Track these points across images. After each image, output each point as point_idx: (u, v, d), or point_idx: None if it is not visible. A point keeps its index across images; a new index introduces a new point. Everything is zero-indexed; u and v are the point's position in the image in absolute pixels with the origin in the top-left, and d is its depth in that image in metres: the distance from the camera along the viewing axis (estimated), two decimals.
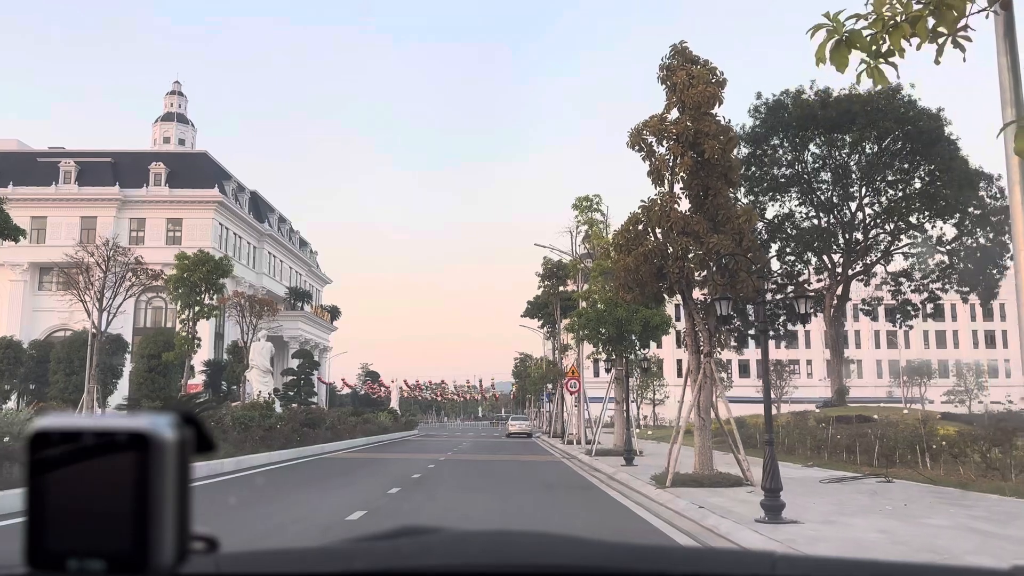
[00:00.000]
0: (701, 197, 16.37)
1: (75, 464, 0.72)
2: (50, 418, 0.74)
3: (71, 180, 67.74)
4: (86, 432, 0.73)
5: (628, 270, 16.20)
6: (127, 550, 0.71)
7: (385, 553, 1.08)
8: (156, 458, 0.72)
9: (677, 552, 1.34)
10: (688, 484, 16.11)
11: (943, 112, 45.16)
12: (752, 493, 15.12)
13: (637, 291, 16.61)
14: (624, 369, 24.75)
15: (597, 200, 27.89)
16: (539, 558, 1.07)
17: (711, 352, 16.93)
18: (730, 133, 16.05)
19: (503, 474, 21.74)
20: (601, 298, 27.25)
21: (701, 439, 16.84)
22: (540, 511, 13.74)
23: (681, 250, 16.00)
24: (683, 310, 17.28)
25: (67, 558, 0.71)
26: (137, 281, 37.44)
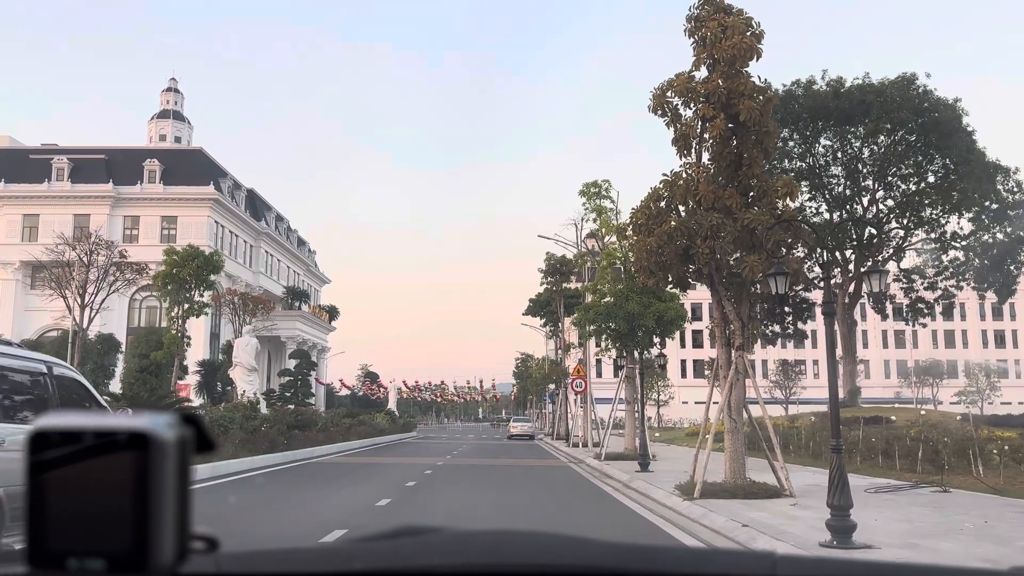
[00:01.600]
0: (733, 167, 14.18)
1: (75, 464, 0.71)
2: (50, 418, 0.73)
3: (64, 177, 65.66)
4: (86, 432, 0.71)
5: (650, 251, 14.00)
6: (127, 550, 0.70)
7: (385, 553, 1.06)
8: (156, 458, 0.71)
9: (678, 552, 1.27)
10: (719, 495, 13.92)
11: (960, 103, 42.98)
12: (797, 507, 12.94)
13: (661, 275, 14.41)
14: (639, 366, 22.54)
15: (606, 186, 25.70)
16: (539, 558, 1.05)
17: (744, 345, 14.73)
18: (767, 93, 13.86)
19: (506, 481, 19.54)
20: (610, 291, 25.06)
21: (732, 443, 14.64)
22: (552, 527, 11.53)
23: (711, 228, 13.80)
24: (712, 297, 15.08)
25: (67, 557, 0.70)
26: (122, 276, 35.34)
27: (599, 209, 25.88)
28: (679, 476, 18.81)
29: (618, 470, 20.47)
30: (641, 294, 24.18)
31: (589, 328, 25.27)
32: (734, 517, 11.51)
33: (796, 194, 13.86)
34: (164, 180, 65.04)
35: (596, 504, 14.93)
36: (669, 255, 13.98)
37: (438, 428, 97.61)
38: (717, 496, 13.89)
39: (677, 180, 14.59)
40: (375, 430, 41.35)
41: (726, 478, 14.69)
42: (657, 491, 15.56)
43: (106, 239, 35.59)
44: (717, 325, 15.00)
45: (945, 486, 15.24)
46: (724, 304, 14.59)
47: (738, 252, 13.94)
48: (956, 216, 45.36)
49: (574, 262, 42.47)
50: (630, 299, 23.88)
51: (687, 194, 14.15)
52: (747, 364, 14.78)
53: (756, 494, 14.01)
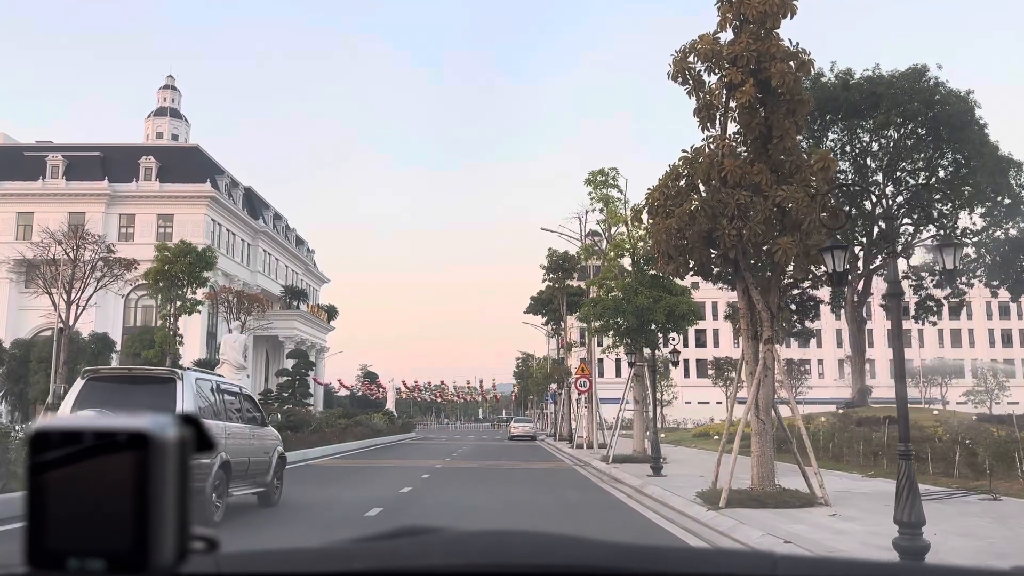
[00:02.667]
0: (762, 141, 12.68)
1: (75, 464, 0.71)
2: (50, 418, 0.73)
3: (59, 175, 64.18)
4: (86, 432, 0.71)
5: (670, 234, 12.48)
6: (127, 550, 0.70)
7: (385, 553, 1.06)
8: (156, 458, 0.71)
9: (678, 552, 1.20)
10: (747, 503, 12.41)
11: (972, 95, 41.46)
12: (837, 518, 11.42)
13: (681, 260, 12.89)
14: (650, 363, 20.99)
15: (613, 174, 24.14)
16: (539, 558, 1.05)
17: (772, 338, 13.21)
18: (801, 57, 12.34)
19: (509, 486, 18.03)
20: (618, 284, 23.55)
21: (760, 446, 13.11)
22: None
23: (738, 207, 12.29)
24: (737, 286, 13.56)
25: (67, 558, 0.70)
26: (110, 272, 33.83)
27: (606, 198, 24.33)
28: (695, 481, 17.30)
29: (628, 474, 18.96)
30: (651, 287, 22.69)
31: (596, 324, 23.76)
32: (771, 531, 10.00)
33: (834, 169, 12.35)
34: (160, 178, 63.56)
35: (609, 513, 13.41)
36: (691, 238, 12.47)
37: (438, 429, 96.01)
38: (745, 505, 12.37)
39: (698, 157, 13.10)
40: (372, 431, 39.82)
41: (753, 484, 13.18)
42: (675, 498, 14.03)
43: (93, 233, 33.96)
44: (742, 316, 13.49)
45: (994, 493, 13.72)
46: (751, 292, 13.08)
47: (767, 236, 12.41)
48: (967, 212, 43.88)
49: (577, 258, 40.99)
50: (639, 292, 22.38)
51: (710, 171, 12.63)
52: (776, 359, 13.26)
53: (788, 503, 12.50)
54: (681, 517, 12.40)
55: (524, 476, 20.61)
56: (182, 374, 11.24)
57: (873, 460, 20.04)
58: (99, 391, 10.92)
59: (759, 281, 13.18)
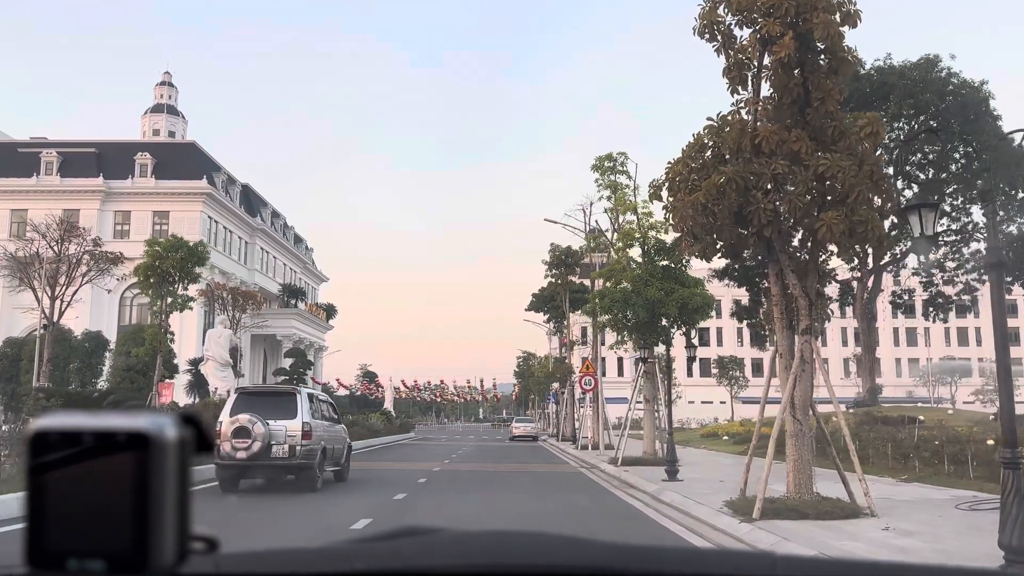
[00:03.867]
0: (800, 104, 11.11)
1: (75, 464, 0.70)
2: (50, 418, 0.72)
3: (53, 171, 62.63)
4: (86, 432, 0.71)
5: (696, 210, 10.90)
6: (127, 550, 0.69)
7: (385, 553, 1.05)
8: (156, 458, 0.70)
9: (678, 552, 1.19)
10: (785, 514, 10.84)
11: (986, 85, 39.90)
12: (891, 532, 9.84)
13: (708, 240, 11.32)
14: (665, 359, 19.40)
15: (622, 159, 22.57)
16: (539, 558, 1.04)
17: (810, 328, 11.64)
18: (846, 7, 10.76)
19: (513, 492, 16.45)
20: (627, 276, 21.97)
21: (798, 450, 11.53)
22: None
23: (775, 178, 10.72)
24: (770, 269, 11.99)
25: (67, 558, 0.70)
26: (96, 267, 32.27)
27: (614, 185, 22.76)
28: (716, 487, 15.73)
29: (641, 478, 17.39)
30: (662, 279, 21.13)
31: (603, 318, 22.19)
32: (822, 549, 8.42)
33: (883, 135, 10.78)
34: (156, 174, 62.03)
35: (627, 524, 11.83)
36: (721, 213, 10.88)
37: (437, 429, 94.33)
38: (782, 516, 10.81)
39: (725, 125, 11.53)
40: (369, 431, 38.22)
41: (789, 492, 11.59)
42: (699, 507, 12.44)
43: (79, 227, 32.37)
44: (775, 304, 11.91)
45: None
46: (786, 276, 11.51)
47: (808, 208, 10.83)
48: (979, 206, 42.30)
49: (580, 252, 39.41)
50: (650, 284, 20.81)
51: (741, 139, 11.05)
52: (815, 352, 11.68)
53: (831, 513, 10.92)
54: (711, 531, 10.81)
55: (528, 480, 19.02)
56: (300, 389, 15.96)
57: (903, 463, 18.45)
58: (245, 401, 15.14)
59: (795, 263, 11.61)
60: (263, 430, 14.31)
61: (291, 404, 14.98)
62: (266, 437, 14.32)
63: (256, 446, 14.21)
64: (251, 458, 14.28)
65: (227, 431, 14.28)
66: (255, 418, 14.40)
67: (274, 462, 14.49)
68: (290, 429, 14.56)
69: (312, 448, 14.76)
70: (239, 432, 14.23)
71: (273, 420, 14.57)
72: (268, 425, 14.42)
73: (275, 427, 14.49)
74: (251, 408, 14.70)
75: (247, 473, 14.93)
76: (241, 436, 14.23)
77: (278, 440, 14.46)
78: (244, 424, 14.30)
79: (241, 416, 14.45)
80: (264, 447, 14.29)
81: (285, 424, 14.59)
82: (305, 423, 14.71)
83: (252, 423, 14.32)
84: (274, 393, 16.44)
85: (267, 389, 18.26)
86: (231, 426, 14.31)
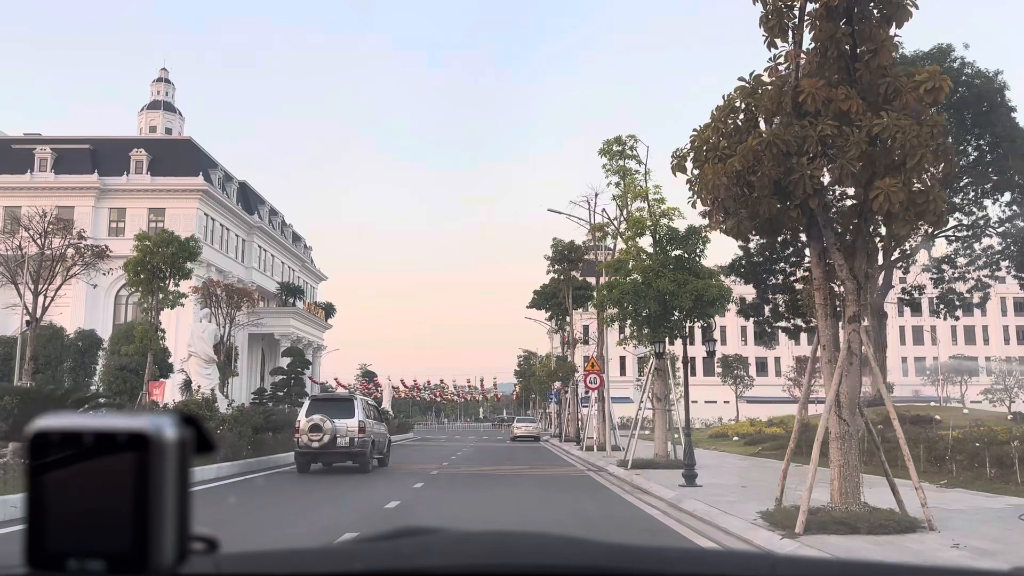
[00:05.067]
0: (847, 58, 9.60)
1: (75, 464, 0.70)
2: (50, 418, 0.72)
3: (47, 168, 61.08)
4: (86, 432, 0.70)
5: (731, 179, 9.37)
6: (127, 550, 0.69)
7: (385, 553, 1.04)
8: (156, 458, 0.70)
9: (678, 553, 1.15)
10: (832, 528, 9.32)
11: (1001, 75, 38.39)
12: (963, 550, 8.32)
13: (743, 215, 9.80)
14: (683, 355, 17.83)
15: (631, 143, 21.04)
16: (539, 558, 1.04)
17: (858, 316, 10.13)
18: None
19: (517, 498, 14.93)
20: (637, 267, 20.45)
21: (844, 455, 10.01)
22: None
23: (821, 140, 9.21)
24: (812, 248, 10.47)
25: (67, 558, 0.69)
26: (81, 261, 30.72)
27: (623, 171, 21.23)
28: (739, 493, 14.21)
29: (655, 483, 15.85)
30: (675, 270, 19.62)
31: (611, 312, 20.66)
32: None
33: (947, 91, 9.25)
34: (152, 171, 60.55)
35: (648, 540, 10.28)
36: (760, 181, 9.36)
37: (437, 429, 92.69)
38: (829, 530, 9.29)
39: (759, 85, 10.02)
40: None
41: (833, 501, 10.07)
42: (730, 519, 10.91)
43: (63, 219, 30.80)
44: (817, 289, 10.39)
45: None
46: (832, 256, 9.99)
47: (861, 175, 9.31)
48: (992, 200, 40.77)
49: (584, 248, 37.88)
50: (662, 275, 19.30)
51: (780, 98, 9.55)
52: (865, 343, 10.16)
53: (885, 527, 9.40)
54: (748, 548, 9.27)
55: (533, 485, 17.50)
56: (357, 396, 20.97)
57: (938, 466, 16.94)
58: (316, 405, 19.32)
59: (841, 242, 10.10)
60: (330, 426, 18.51)
61: (350, 407, 19.26)
62: (332, 432, 18.49)
63: (326, 438, 18.45)
64: (322, 447, 18.54)
65: (304, 427, 18.61)
66: (325, 417, 18.54)
67: (338, 450, 18.68)
68: (349, 426, 18.69)
69: (365, 440, 18.94)
70: (313, 428, 18.51)
71: (337, 419, 18.65)
72: (334, 423, 18.56)
73: (338, 424, 18.62)
74: (321, 410, 18.89)
75: (317, 458, 18.93)
76: (315, 431, 18.51)
77: (341, 434, 18.60)
78: (317, 422, 18.51)
79: (315, 416, 18.61)
80: (331, 439, 18.50)
81: (346, 422, 18.70)
82: (360, 421, 18.85)
83: (323, 421, 18.50)
84: (337, 399, 20.66)
85: (332, 396, 22.58)
86: (307, 423, 18.58)
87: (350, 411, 18.94)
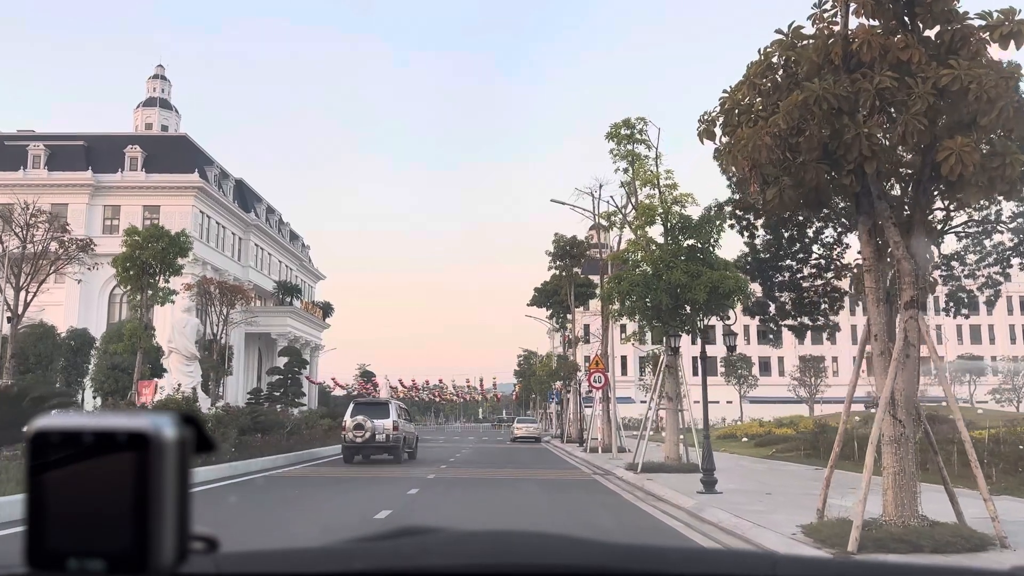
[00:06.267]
0: (900, 5, 8.22)
1: (75, 464, 0.70)
2: (50, 418, 0.72)
3: (40, 165, 59.62)
4: (86, 432, 0.70)
5: (776, 140, 7.99)
6: (127, 550, 0.69)
7: (385, 553, 1.04)
8: (156, 458, 0.70)
9: (678, 552, 1.15)
10: (890, 546, 7.95)
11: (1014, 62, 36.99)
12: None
13: (787, 184, 8.40)
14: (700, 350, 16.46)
15: (641, 126, 19.66)
16: (539, 558, 1.03)
17: (916, 301, 8.74)
18: None
19: (520, 507, 13.55)
20: (646, 257, 19.07)
21: (900, 460, 8.63)
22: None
23: (879, 96, 7.82)
24: (861, 223, 9.08)
25: (67, 558, 0.69)
26: (65, 254, 29.34)
27: (632, 155, 19.84)
28: (765, 501, 12.82)
29: (670, 489, 14.47)
30: (688, 260, 18.24)
31: (618, 306, 19.27)
32: None
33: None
34: (147, 167, 59.12)
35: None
36: (805, 146, 7.98)
37: (436, 429, 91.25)
38: (887, 548, 7.91)
39: (799, 38, 8.64)
40: None
41: (887, 513, 8.69)
42: (764, 533, 9.51)
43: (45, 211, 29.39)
44: (867, 270, 9.01)
45: None
46: (887, 232, 8.61)
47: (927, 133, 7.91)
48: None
49: (586, 243, 36.53)
50: (674, 267, 17.92)
51: (828, 48, 8.16)
52: (924, 332, 8.77)
53: (951, 544, 8.01)
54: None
55: (537, 490, 16.10)
56: (391, 400, 25.48)
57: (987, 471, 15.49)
58: (359, 408, 23.20)
59: (898, 216, 8.72)
60: (371, 425, 22.27)
61: (386, 409, 23.21)
62: (372, 429, 22.22)
63: (367, 435, 22.19)
64: (364, 442, 22.35)
65: (350, 426, 22.43)
66: (366, 418, 22.34)
67: (377, 444, 22.44)
68: (385, 425, 22.51)
69: (398, 436, 22.82)
70: (357, 427, 22.26)
71: (375, 419, 22.42)
72: (373, 422, 22.31)
73: (377, 423, 22.35)
74: (363, 412, 22.75)
75: (360, 451, 22.70)
76: (358, 429, 22.24)
77: (379, 431, 22.32)
78: (360, 421, 22.26)
79: (358, 416, 22.45)
80: (371, 435, 22.23)
81: (383, 422, 22.52)
82: (394, 421, 22.74)
83: (365, 421, 22.24)
84: (376, 403, 24.93)
85: (372, 400, 28.01)
86: (352, 423, 22.38)
87: (386, 413, 22.75)
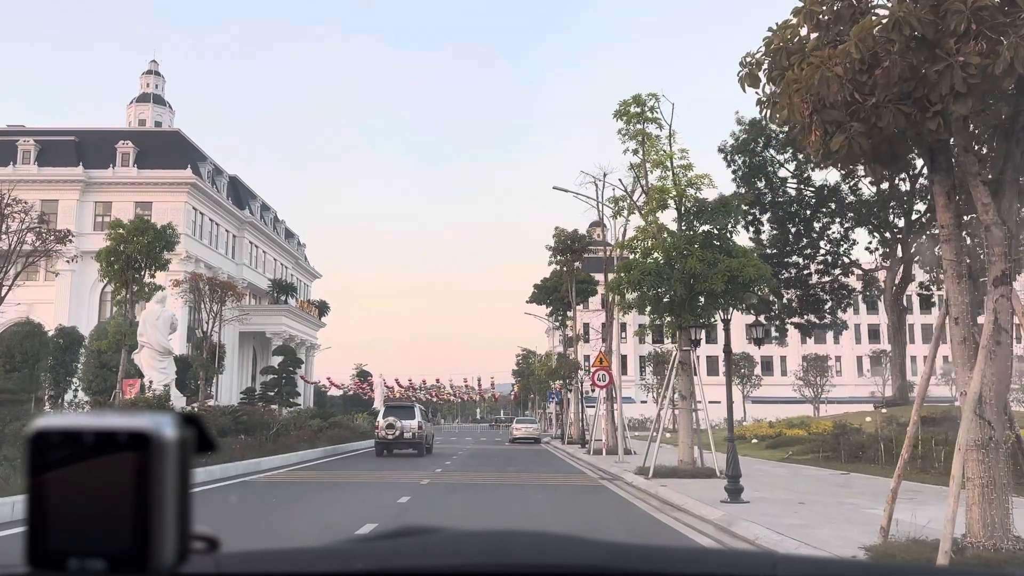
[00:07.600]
0: None
1: (75, 464, 0.70)
2: (50, 418, 0.71)
3: (31, 160, 57.98)
4: (86, 432, 0.70)
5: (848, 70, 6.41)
6: (127, 550, 0.68)
7: (385, 553, 1.03)
8: (156, 458, 0.70)
9: (678, 552, 1.14)
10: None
11: None
12: None
13: (857, 128, 6.80)
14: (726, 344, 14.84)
15: (652, 103, 18.06)
16: (539, 558, 1.02)
17: (1008, 276, 7.15)
18: None
19: (522, 518, 11.93)
20: (657, 245, 17.48)
21: (987, 469, 7.06)
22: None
23: (974, 18, 6.22)
24: (939, 183, 7.49)
25: (68, 558, 0.69)
26: (41, 245, 27.72)
27: (642, 135, 18.24)
28: (802, 512, 11.19)
29: (690, 498, 12.84)
30: (703, 247, 16.65)
31: (630, 296, 17.67)
32: None
33: None
34: (139, 163, 57.51)
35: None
36: (881, 83, 6.38)
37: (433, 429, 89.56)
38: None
39: None
40: (353, 434, 33.60)
41: (972, 533, 7.09)
42: (816, 555, 7.87)
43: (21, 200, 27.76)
44: (946, 239, 7.41)
45: None
46: (976, 192, 7.02)
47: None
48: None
49: (588, 236, 34.96)
50: (689, 254, 16.32)
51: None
52: (1020, 313, 7.17)
53: None
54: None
55: (541, 498, 14.48)
56: (416, 404, 30.12)
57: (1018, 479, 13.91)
58: (390, 411, 28.35)
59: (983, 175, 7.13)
60: (400, 424, 26.66)
61: (412, 412, 27.76)
62: (401, 428, 26.53)
63: (397, 433, 26.55)
64: (394, 439, 26.64)
65: (383, 425, 26.85)
66: (397, 419, 26.87)
67: (405, 440, 26.77)
68: (411, 424, 26.82)
69: (422, 434, 27.16)
70: (389, 426, 26.61)
71: (403, 420, 26.91)
72: (402, 422, 26.69)
73: (404, 423, 26.72)
74: (393, 414, 27.42)
75: (391, 447, 26.89)
76: (390, 428, 26.60)
77: (406, 430, 26.62)
78: (391, 422, 26.70)
79: (389, 417, 27.06)
80: (400, 433, 26.60)
81: (409, 422, 26.91)
82: (419, 421, 27.13)
83: (396, 421, 26.75)
84: (404, 406, 29.08)
85: (401, 404, 31.12)
86: (385, 423, 26.83)
87: (412, 415, 27.29)
